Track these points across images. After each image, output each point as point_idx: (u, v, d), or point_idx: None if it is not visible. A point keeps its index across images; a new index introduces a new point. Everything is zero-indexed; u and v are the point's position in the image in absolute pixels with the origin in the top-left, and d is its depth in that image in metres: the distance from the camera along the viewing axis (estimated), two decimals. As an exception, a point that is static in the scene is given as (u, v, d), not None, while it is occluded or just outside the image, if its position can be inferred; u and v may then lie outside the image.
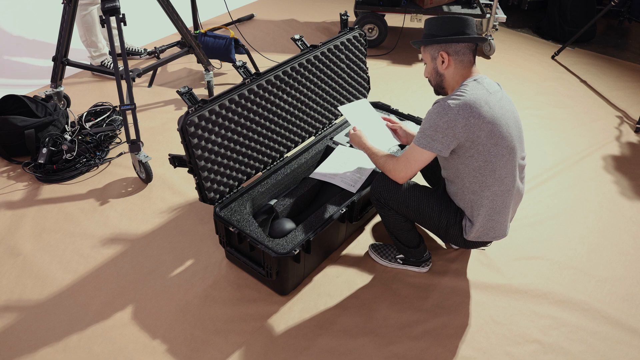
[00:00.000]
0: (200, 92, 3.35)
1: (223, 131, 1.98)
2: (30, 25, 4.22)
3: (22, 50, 3.87)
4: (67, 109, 3.04)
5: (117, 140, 2.88)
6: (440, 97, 1.76)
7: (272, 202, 2.16)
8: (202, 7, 4.26)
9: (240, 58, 3.53)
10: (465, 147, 1.67)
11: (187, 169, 1.95)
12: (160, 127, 3.00)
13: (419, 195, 1.85)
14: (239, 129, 2.05)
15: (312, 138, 2.49)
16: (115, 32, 3.23)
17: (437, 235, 1.97)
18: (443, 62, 1.74)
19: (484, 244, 1.91)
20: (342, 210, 2.01)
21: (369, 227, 2.35)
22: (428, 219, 1.87)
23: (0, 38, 4.02)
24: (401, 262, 2.12)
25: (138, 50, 3.73)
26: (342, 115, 2.43)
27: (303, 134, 2.41)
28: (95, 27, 3.27)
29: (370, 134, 2.06)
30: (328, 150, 2.43)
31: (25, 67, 3.65)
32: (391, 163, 1.81)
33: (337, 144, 2.43)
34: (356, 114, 2.18)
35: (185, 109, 3.16)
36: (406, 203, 1.85)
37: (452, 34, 1.71)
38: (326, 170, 2.24)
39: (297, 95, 2.29)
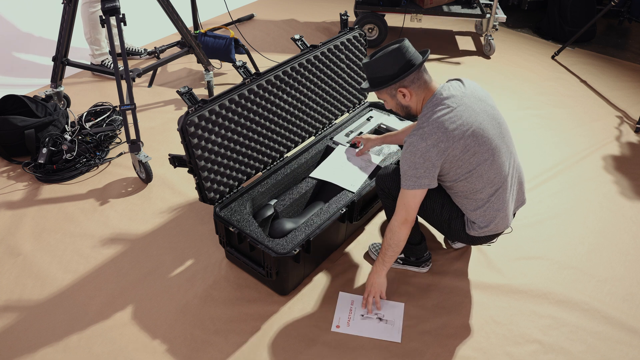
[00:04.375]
0: (200, 92, 3.35)
1: (223, 131, 1.98)
2: (30, 25, 4.22)
3: (22, 50, 3.87)
4: (67, 109, 3.04)
5: (117, 140, 2.88)
6: (416, 115, 1.76)
7: (272, 202, 2.16)
8: (202, 7, 4.25)
9: (240, 58, 3.53)
10: (445, 168, 1.69)
11: (187, 169, 1.95)
12: (160, 127, 3.00)
13: None
14: (239, 129, 2.05)
15: (312, 138, 2.49)
16: (115, 31, 3.23)
17: (440, 232, 1.97)
18: (404, 95, 1.73)
19: (489, 238, 1.91)
20: (342, 210, 2.01)
21: (369, 227, 2.35)
22: (431, 211, 1.87)
23: (0, 38, 4.02)
24: (401, 262, 2.12)
25: (138, 50, 3.73)
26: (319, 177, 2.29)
27: (303, 134, 2.41)
28: (101, 25, 3.27)
29: (349, 178, 2.15)
30: (328, 150, 2.43)
31: (25, 67, 3.65)
32: (393, 222, 1.76)
33: (337, 144, 2.42)
34: (331, 171, 2.22)
35: (185, 109, 3.16)
36: None
37: (400, 68, 1.69)
38: (326, 169, 2.24)
39: (297, 95, 2.29)
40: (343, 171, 2.21)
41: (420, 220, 2.15)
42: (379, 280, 1.89)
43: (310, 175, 2.23)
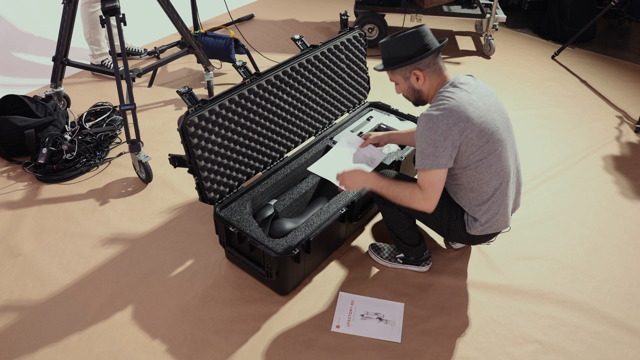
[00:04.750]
0: (200, 92, 3.35)
1: (223, 131, 1.98)
2: (30, 25, 4.22)
3: (22, 50, 3.87)
4: (67, 109, 3.04)
5: (117, 140, 2.88)
6: (423, 111, 1.74)
7: (272, 202, 2.16)
8: (202, 7, 4.26)
9: (240, 58, 3.53)
10: (461, 151, 1.68)
11: (187, 169, 1.95)
12: (160, 127, 3.00)
13: None
14: (239, 129, 2.05)
15: (312, 138, 2.49)
16: (115, 31, 3.23)
17: (439, 234, 1.97)
18: (418, 79, 1.74)
19: (489, 237, 1.90)
20: (342, 210, 2.01)
21: (369, 227, 2.35)
22: (430, 215, 1.87)
23: (0, 38, 4.02)
24: (401, 261, 2.12)
25: (138, 50, 3.73)
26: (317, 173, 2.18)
27: (303, 134, 2.41)
28: (101, 25, 3.28)
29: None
30: (328, 150, 2.43)
31: (25, 67, 3.65)
32: (418, 195, 1.69)
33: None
34: (328, 167, 2.11)
35: (185, 109, 3.16)
36: None
37: (417, 50, 1.69)
38: (324, 165, 2.19)
39: (297, 95, 2.29)
40: (340, 168, 2.16)
41: (419, 222, 2.14)
42: (361, 184, 1.83)
43: (308, 168, 2.19)
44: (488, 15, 3.87)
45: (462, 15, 3.85)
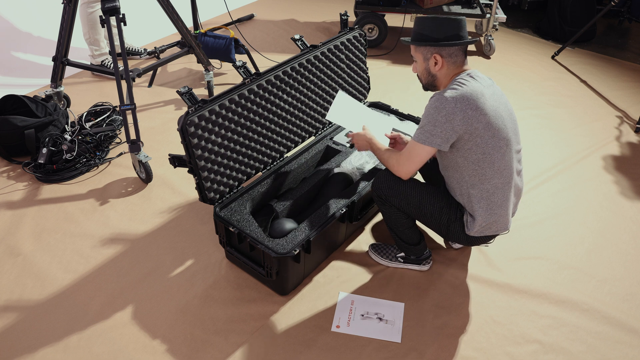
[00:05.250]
0: (200, 92, 3.35)
1: (223, 131, 1.98)
2: (30, 25, 4.22)
3: (22, 50, 3.87)
4: (67, 109, 3.04)
5: (117, 140, 2.88)
6: (437, 91, 1.76)
7: (272, 202, 2.16)
8: (202, 7, 4.26)
9: (240, 58, 3.53)
10: (464, 139, 1.68)
11: (187, 169, 1.95)
12: (160, 127, 3.00)
13: (420, 192, 1.85)
14: (239, 129, 2.05)
15: (312, 138, 2.49)
16: (115, 31, 3.23)
17: (439, 234, 1.97)
18: (436, 63, 1.76)
19: (487, 239, 1.91)
20: (342, 210, 2.01)
21: (369, 227, 2.35)
22: (429, 216, 1.87)
23: (0, 38, 4.02)
24: (402, 260, 2.12)
25: (138, 50, 3.73)
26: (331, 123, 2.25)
27: (303, 134, 2.41)
28: (100, 25, 3.28)
29: (370, 127, 2.08)
30: (328, 150, 2.43)
31: (25, 67, 3.65)
32: (395, 158, 1.83)
33: (337, 144, 2.43)
34: (345, 115, 2.14)
35: (185, 109, 3.16)
36: (407, 200, 1.86)
37: (446, 37, 1.72)
38: (345, 109, 2.14)
39: (297, 95, 2.29)
40: (355, 124, 2.12)
41: (418, 223, 2.15)
42: (363, 144, 1.99)
43: (327, 116, 2.10)
44: (488, 15, 3.87)
45: (462, 15, 3.84)
